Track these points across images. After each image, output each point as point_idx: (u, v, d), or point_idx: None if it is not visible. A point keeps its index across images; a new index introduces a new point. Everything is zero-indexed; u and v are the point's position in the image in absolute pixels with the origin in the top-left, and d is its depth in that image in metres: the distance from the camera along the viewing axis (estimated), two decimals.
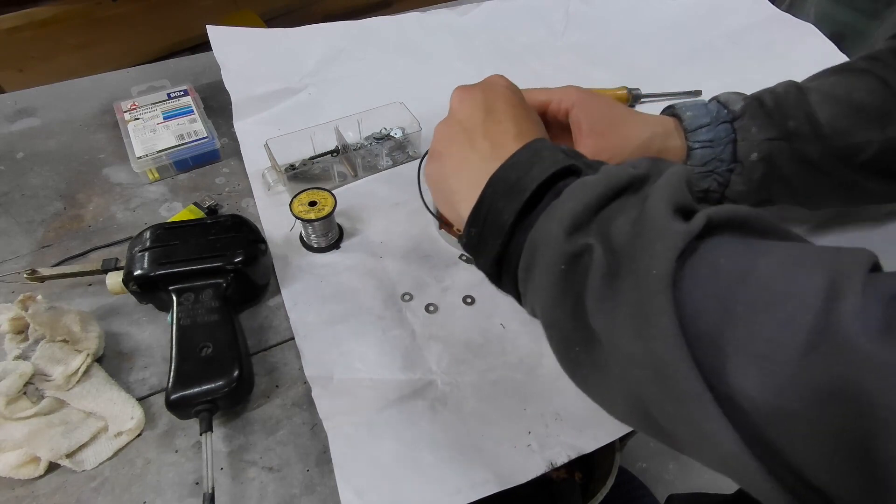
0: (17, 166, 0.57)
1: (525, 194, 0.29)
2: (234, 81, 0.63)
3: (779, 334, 0.20)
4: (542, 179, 0.29)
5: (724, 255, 0.24)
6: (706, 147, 0.44)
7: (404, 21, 0.76)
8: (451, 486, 0.36)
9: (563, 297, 0.27)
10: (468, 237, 0.33)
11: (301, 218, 0.46)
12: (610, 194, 0.28)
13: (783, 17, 0.79)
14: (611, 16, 0.80)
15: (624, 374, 0.25)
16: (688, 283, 0.23)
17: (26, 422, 0.37)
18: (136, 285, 0.42)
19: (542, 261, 0.28)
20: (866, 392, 0.18)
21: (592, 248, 0.26)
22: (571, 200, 0.28)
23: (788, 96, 0.43)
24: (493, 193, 0.31)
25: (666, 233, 0.24)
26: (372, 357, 0.42)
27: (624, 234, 0.26)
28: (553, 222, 0.28)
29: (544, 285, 0.28)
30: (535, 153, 0.31)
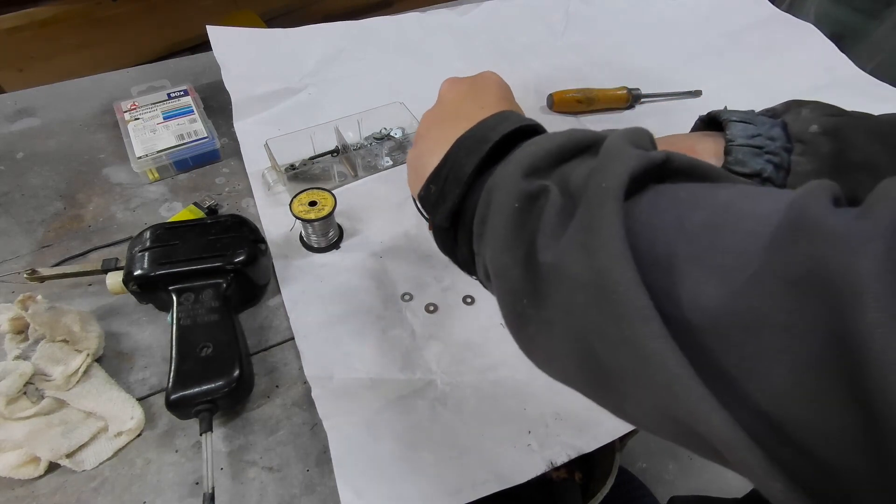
0: (17, 166, 0.57)
1: (487, 145, 0.29)
2: (234, 81, 0.63)
3: (740, 243, 0.19)
4: (507, 132, 0.29)
5: (685, 188, 0.23)
6: (745, 122, 0.39)
7: (404, 21, 0.76)
8: (451, 485, 0.36)
9: (514, 239, 0.26)
10: (426, 193, 0.31)
11: (301, 218, 0.46)
12: (572, 146, 0.27)
13: (783, 17, 0.79)
14: (611, 16, 0.80)
15: (568, 308, 0.24)
16: (643, 209, 0.22)
17: (26, 422, 0.37)
18: (136, 285, 0.42)
19: (496, 204, 0.27)
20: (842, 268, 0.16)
21: (549, 189, 0.25)
22: (532, 146, 0.27)
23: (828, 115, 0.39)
24: (458, 151, 0.31)
25: (622, 154, 0.23)
26: (372, 357, 0.42)
27: (581, 177, 0.25)
28: (510, 165, 0.27)
29: (497, 228, 0.27)
30: (504, 118, 0.31)
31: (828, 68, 0.70)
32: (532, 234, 0.25)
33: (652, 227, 0.22)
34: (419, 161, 0.35)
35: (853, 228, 0.16)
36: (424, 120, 0.39)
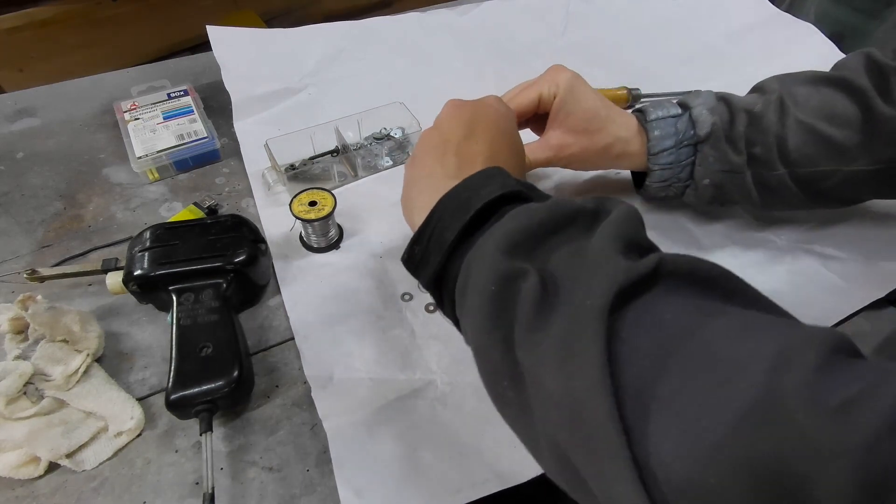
0: (17, 166, 0.57)
1: (470, 212, 0.29)
2: (234, 81, 0.63)
3: (710, 398, 0.18)
4: (489, 199, 0.29)
5: (672, 308, 0.22)
6: (666, 169, 0.46)
7: (404, 21, 0.76)
8: (451, 485, 0.36)
9: (493, 322, 0.25)
10: (410, 255, 0.32)
11: (301, 218, 0.46)
12: (552, 223, 0.27)
13: (783, 17, 0.79)
14: (611, 15, 0.80)
15: (544, 416, 0.23)
16: (626, 328, 0.21)
17: (26, 422, 0.37)
18: (136, 285, 0.42)
19: (474, 280, 0.27)
20: (801, 477, 0.15)
21: (528, 273, 0.25)
22: (511, 222, 0.27)
23: (765, 119, 0.43)
24: (442, 212, 0.31)
25: (608, 265, 0.22)
26: (372, 357, 0.42)
27: (563, 264, 0.25)
28: (490, 240, 0.27)
29: (475, 307, 0.26)
30: (488, 177, 0.31)
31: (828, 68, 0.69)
32: (510, 322, 0.25)
33: (633, 353, 0.21)
34: (409, 189, 0.37)
35: (826, 432, 0.15)
36: (421, 141, 0.39)
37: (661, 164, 0.46)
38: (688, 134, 0.45)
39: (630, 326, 0.21)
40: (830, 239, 0.51)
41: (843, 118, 0.41)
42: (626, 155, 0.46)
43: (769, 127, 0.43)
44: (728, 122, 0.44)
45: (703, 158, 0.45)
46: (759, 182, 0.44)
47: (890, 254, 0.50)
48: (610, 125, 0.46)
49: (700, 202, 0.48)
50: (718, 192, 0.46)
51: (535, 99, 0.45)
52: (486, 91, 0.50)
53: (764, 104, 0.43)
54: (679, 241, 0.51)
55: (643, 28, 0.78)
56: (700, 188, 0.46)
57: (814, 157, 0.42)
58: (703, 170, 0.45)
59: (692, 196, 0.48)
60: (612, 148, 0.46)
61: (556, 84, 0.45)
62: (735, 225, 0.53)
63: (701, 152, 0.45)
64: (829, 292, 0.47)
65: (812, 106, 0.42)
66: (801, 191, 0.44)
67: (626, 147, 0.46)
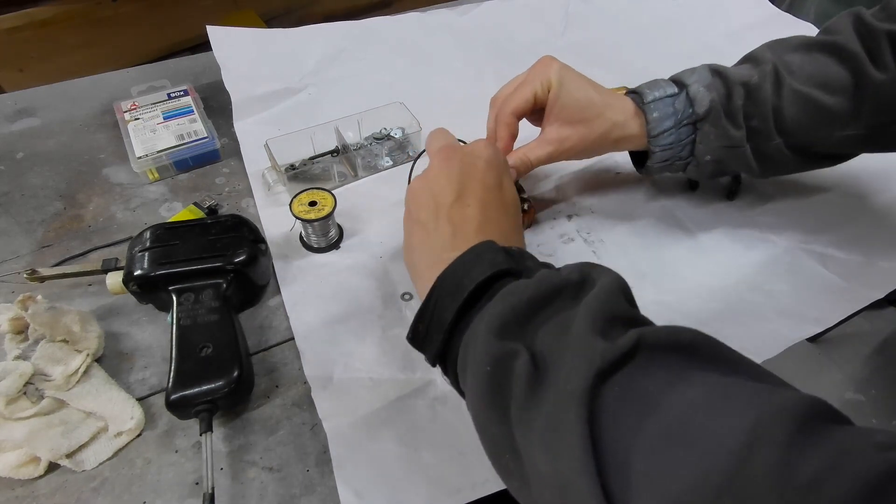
0: (17, 166, 0.57)
1: (463, 294, 0.30)
2: (234, 81, 0.63)
3: (689, 475, 0.19)
4: (479, 280, 0.30)
5: (652, 378, 0.23)
6: (667, 150, 0.46)
7: (404, 21, 0.76)
8: (451, 485, 0.36)
9: (491, 401, 0.27)
10: (415, 332, 0.33)
11: (301, 218, 0.46)
12: (539, 299, 0.28)
13: (783, 17, 0.79)
14: (611, 15, 0.80)
15: (539, 492, 0.25)
16: (608, 402, 0.22)
17: (26, 422, 0.37)
18: (136, 285, 0.42)
19: (471, 361, 0.28)
20: None
21: (518, 353, 0.26)
22: (500, 304, 0.28)
23: (762, 90, 0.43)
24: (440, 291, 0.32)
25: (586, 350, 0.24)
26: (372, 357, 0.42)
27: (550, 340, 0.26)
28: (482, 324, 0.28)
29: (474, 387, 0.28)
30: (478, 256, 0.32)
31: None
32: (506, 401, 0.26)
33: (615, 428, 0.22)
34: (410, 253, 0.39)
35: None
36: (414, 193, 0.39)
37: (661, 146, 0.46)
38: (686, 113, 0.44)
39: (612, 402, 0.22)
40: (830, 239, 0.51)
41: (836, 85, 0.42)
42: (625, 139, 0.46)
43: (766, 99, 0.43)
44: (725, 96, 0.44)
45: (704, 136, 0.45)
46: (757, 152, 0.45)
47: (890, 254, 0.50)
48: (606, 111, 0.46)
49: (701, 176, 0.49)
50: (719, 166, 0.47)
51: (530, 98, 0.46)
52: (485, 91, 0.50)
53: (760, 75, 0.43)
54: (679, 241, 0.51)
55: (643, 28, 0.78)
56: (701, 164, 0.47)
57: (808, 126, 0.42)
58: (704, 147, 0.45)
59: (693, 171, 0.48)
60: (610, 133, 0.46)
61: (547, 79, 0.45)
62: (735, 225, 0.53)
63: (701, 130, 0.45)
64: (829, 292, 0.47)
65: (806, 74, 0.43)
66: (795, 156, 0.44)
67: (623, 131, 0.46)
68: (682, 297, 0.47)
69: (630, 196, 0.55)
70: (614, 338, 0.24)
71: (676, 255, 0.50)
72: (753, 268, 0.49)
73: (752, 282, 0.48)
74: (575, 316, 0.26)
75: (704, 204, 0.55)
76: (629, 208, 0.54)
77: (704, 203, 0.55)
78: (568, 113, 0.45)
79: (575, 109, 0.45)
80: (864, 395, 1.22)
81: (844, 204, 0.55)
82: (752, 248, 0.51)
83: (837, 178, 0.57)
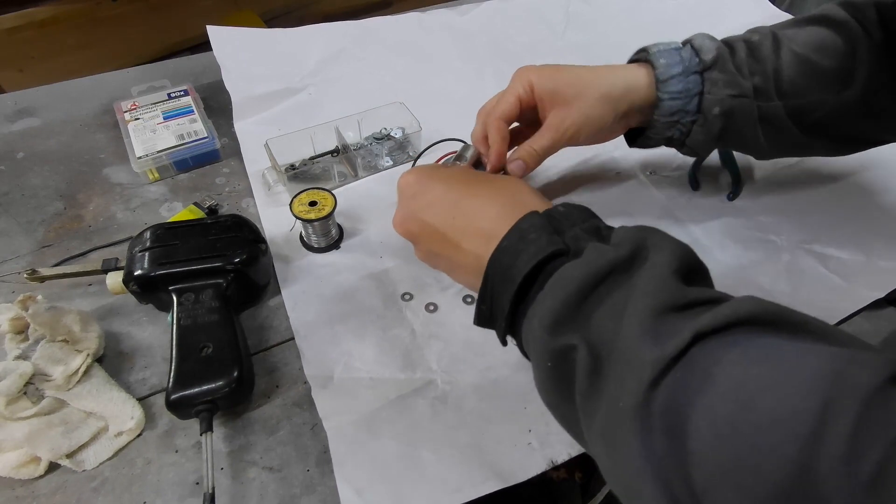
0: (17, 166, 0.57)
1: (514, 285, 0.31)
2: (234, 81, 0.63)
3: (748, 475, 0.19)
4: (528, 271, 0.30)
5: (718, 366, 0.22)
6: (675, 99, 0.44)
7: (404, 21, 0.76)
8: (452, 484, 0.36)
9: (557, 387, 0.28)
10: (480, 313, 0.34)
11: (301, 218, 0.46)
12: (590, 284, 0.27)
13: (783, 17, 0.79)
14: (611, 15, 0.80)
15: (607, 472, 0.26)
16: (663, 406, 0.22)
17: (26, 422, 0.37)
18: (137, 285, 0.42)
19: (532, 355, 0.30)
20: None
21: (575, 347, 0.27)
22: (550, 299, 0.28)
23: (762, 47, 0.43)
24: (493, 274, 0.33)
25: (636, 361, 0.23)
26: (372, 356, 0.42)
27: (603, 332, 0.26)
28: (535, 320, 0.29)
29: (539, 377, 0.30)
30: (521, 238, 0.32)
31: None
32: (570, 389, 0.27)
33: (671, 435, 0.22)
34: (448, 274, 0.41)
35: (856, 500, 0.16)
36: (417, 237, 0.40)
37: (670, 93, 0.44)
38: (693, 62, 0.44)
39: (678, 387, 0.22)
40: (830, 239, 0.51)
41: (830, 49, 0.42)
42: (631, 92, 0.44)
43: (767, 56, 0.43)
44: (729, 51, 0.44)
45: (713, 84, 0.43)
46: (760, 115, 0.44)
47: (890, 254, 0.50)
48: (597, 79, 0.45)
49: (708, 138, 0.45)
50: (727, 123, 0.44)
51: (514, 102, 0.45)
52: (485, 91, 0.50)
53: (761, 35, 0.44)
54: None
55: (643, 28, 0.78)
56: (709, 120, 0.44)
57: (805, 88, 0.43)
58: (712, 97, 0.44)
59: (699, 133, 0.45)
60: (610, 94, 0.44)
61: (527, 79, 0.45)
62: (735, 225, 0.53)
63: (709, 79, 0.43)
64: (829, 292, 0.47)
65: (802, 40, 0.43)
66: (795, 125, 0.44)
67: (626, 88, 0.44)
68: None
69: (630, 195, 0.55)
70: (666, 338, 0.23)
71: None
72: (753, 268, 0.49)
73: (752, 282, 0.48)
74: (627, 302, 0.25)
75: (704, 204, 0.55)
76: (629, 208, 0.54)
77: (704, 203, 0.55)
78: (559, 96, 0.44)
79: (564, 88, 0.44)
80: None
81: (844, 204, 0.55)
82: (752, 248, 0.51)
83: (838, 178, 0.57)
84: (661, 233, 0.30)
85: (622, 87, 0.45)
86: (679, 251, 0.28)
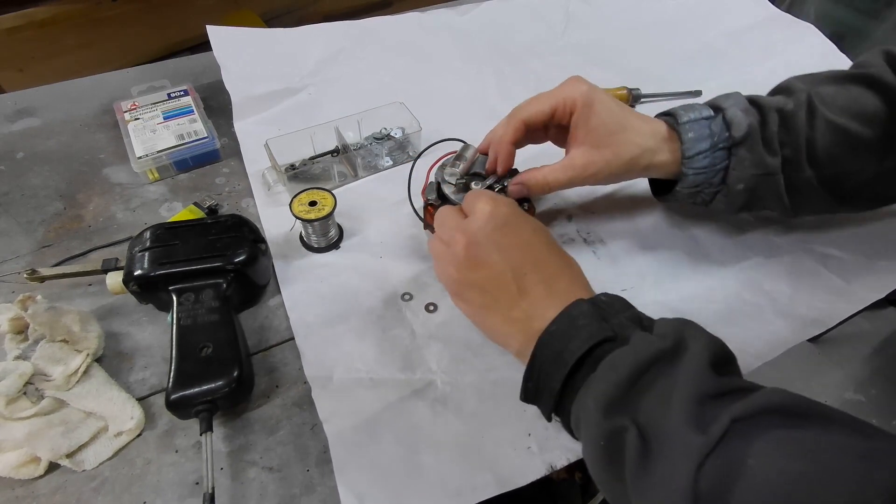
0: (17, 166, 0.57)
1: (566, 368, 0.33)
2: (234, 81, 0.63)
3: None
4: (580, 355, 0.33)
5: (751, 450, 0.25)
6: (700, 174, 0.43)
7: (404, 21, 0.76)
8: (452, 487, 0.36)
9: (608, 466, 0.30)
10: (526, 390, 0.36)
11: (301, 218, 0.46)
12: (638, 372, 0.30)
13: (783, 17, 0.79)
14: (611, 15, 0.80)
15: None
16: (711, 484, 0.25)
17: (26, 422, 0.37)
18: (137, 285, 0.42)
19: (585, 433, 0.32)
20: None
21: (627, 428, 0.29)
22: (603, 382, 0.31)
23: (796, 118, 0.42)
24: (542, 356, 0.35)
25: (683, 447, 0.26)
26: (372, 357, 0.42)
27: (651, 416, 0.29)
28: (589, 400, 0.31)
29: (591, 454, 0.32)
30: (571, 323, 0.34)
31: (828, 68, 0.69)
32: (621, 468, 0.29)
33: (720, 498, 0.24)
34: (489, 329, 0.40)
35: None
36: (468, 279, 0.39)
37: (695, 169, 0.43)
38: (722, 136, 0.42)
39: (714, 484, 0.25)
40: (830, 239, 0.51)
41: (870, 116, 0.41)
42: (655, 165, 0.44)
43: (800, 128, 0.41)
44: (761, 122, 0.42)
45: (739, 162, 0.42)
46: (789, 184, 0.43)
47: (890, 254, 0.50)
48: (635, 136, 0.43)
49: (730, 209, 0.45)
50: (751, 196, 0.44)
51: (546, 111, 0.44)
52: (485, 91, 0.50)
53: (795, 103, 0.42)
54: (679, 241, 0.51)
55: (643, 28, 0.78)
56: (732, 194, 0.44)
57: (840, 158, 0.41)
58: (737, 174, 0.43)
59: (722, 202, 0.45)
60: (639, 159, 0.44)
61: (572, 99, 0.43)
62: (735, 225, 0.52)
63: (736, 155, 0.42)
64: (829, 292, 0.47)
65: (839, 105, 0.41)
66: (827, 192, 0.43)
67: (653, 157, 0.44)
68: (681, 296, 0.47)
69: (630, 196, 0.55)
70: (708, 423, 0.26)
71: (676, 256, 0.50)
72: (753, 268, 0.49)
73: (752, 282, 0.48)
74: (672, 390, 0.29)
75: None
76: (629, 208, 0.54)
77: None
78: (594, 137, 0.43)
79: (601, 133, 0.43)
80: (864, 395, 1.22)
81: None
82: (751, 247, 0.51)
83: None
84: (696, 326, 0.33)
85: (649, 160, 0.44)
86: (712, 344, 0.32)
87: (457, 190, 0.47)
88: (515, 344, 0.38)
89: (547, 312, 0.35)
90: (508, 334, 0.38)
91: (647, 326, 0.34)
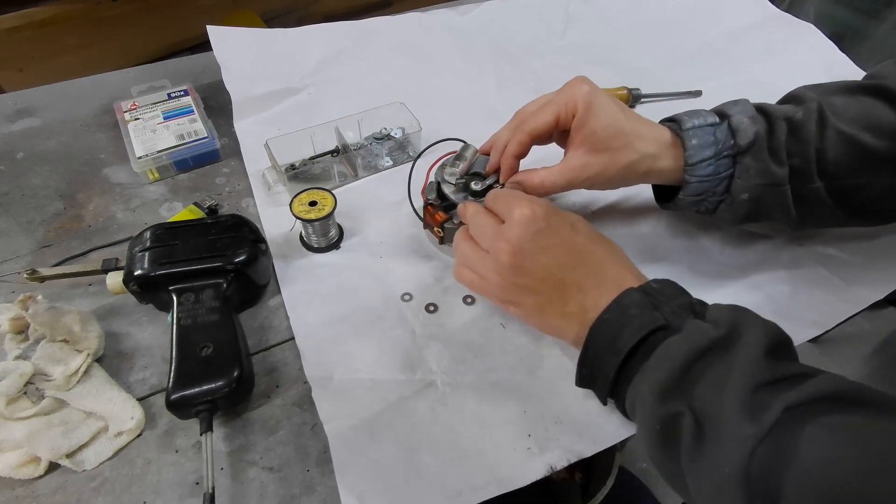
0: (17, 166, 0.57)
1: (620, 356, 0.34)
2: (234, 81, 0.63)
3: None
4: (633, 344, 0.34)
5: (803, 438, 0.25)
6: (703, 182, 0.43)
7: (404, 21, 0.76)
8: (452, 488, 0.36)
9: (663, 448, 0.32)
10: (581, 376, 0.37)
11: (301, 218, 0.46)
12: (692, 359, 0.31)
13: (783, 16, 0.79)
14: (611, 15, 0.80)
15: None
16: (764, 469, 0.26)
17: (26, 422, 0.37)
18: (137, 285, 0.42)
19: (640, 417, 0.33)
20: None
21: (682, 414, 0.30)
22: (657, 371, 0.32)
23: (806, 128, 0.41)
24: (595, 344, 0.36)
25: (737, 435, 0.27)
26: (372, 357, 0.42)
27: (706, 403, 0.30)
28: (644, 386, 0.33)
29: (646, 437, 0.33)
30: (623, 312, 0.35)
31: (828, 68, 0.70)
32: (676, 450, 0.31)
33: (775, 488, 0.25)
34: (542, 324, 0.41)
35: None
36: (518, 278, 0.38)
37: (698, 177, 0.42)
38: (727, 144, 0.41)
39: (767, 469, 0.26)
40: (830, 239, 0.51)
41: (883, 128, 0.40)
42: (656, 171, 0.43)
43: (810, 138, 0.40)
44: (768, 131, 0.41)
45: (744, 171, 0.41)
46: (796, 196, 0.42)
47: (890, 254, 0.50)
48: (636, 141, 0.43)
49: (734, 218, 0.44)
50: (755, 206, 0.43)
51: (551, 121, 0.43)
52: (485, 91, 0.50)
53: (805, 113, 0.41)
54: (678, 241, 0.51)
55: (643, 28, 0.78)
56: (736, 203, 0.43)
57: (851, 170, 0.40)
58: (742, 183, 0.42)
59: (726, 212, 0.44)
60: (638, 165, 0.43)
61: (573, 101, 0.42)
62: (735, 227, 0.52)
63: (741, 164, 0.41)
64: (829, 292, 0.47)
65: (851, 116, 0.41)
66: (836, 205, 0.42)
67: (654, 163, 0.43)
68: None
69: (629, 196, 0.55)
70: (761, 411, 0.27)
71: (675, 256, 0.50)
72: (753, 268, 0.49)
73: (751, 282, 0.48)
74: (727, 379, 0.29)
75: None
76: (628, 208, 0.54)
77: None
78: (593, 140, 0.42)
79: (601, 137, 0.42)
80: None
81: None
82: (752, 248, 0.51)
83: None
84: (751, 313, 0.34)
85: (649, 166, 0.43)
86: (769, 330, 0.32)
87: (457, 190, 0.47)
88: (572, 335, 0.39)
89: (599, 301, 0.36)
90: (564, 327, 0.39)
91: (700, 313, 0.34)
